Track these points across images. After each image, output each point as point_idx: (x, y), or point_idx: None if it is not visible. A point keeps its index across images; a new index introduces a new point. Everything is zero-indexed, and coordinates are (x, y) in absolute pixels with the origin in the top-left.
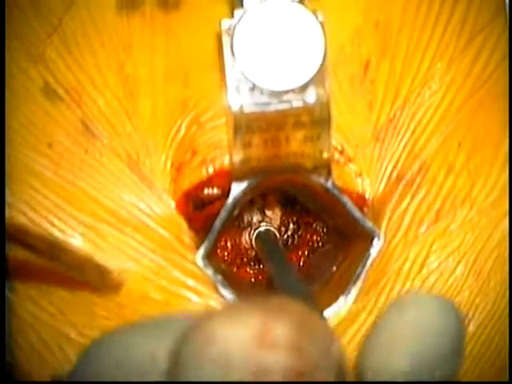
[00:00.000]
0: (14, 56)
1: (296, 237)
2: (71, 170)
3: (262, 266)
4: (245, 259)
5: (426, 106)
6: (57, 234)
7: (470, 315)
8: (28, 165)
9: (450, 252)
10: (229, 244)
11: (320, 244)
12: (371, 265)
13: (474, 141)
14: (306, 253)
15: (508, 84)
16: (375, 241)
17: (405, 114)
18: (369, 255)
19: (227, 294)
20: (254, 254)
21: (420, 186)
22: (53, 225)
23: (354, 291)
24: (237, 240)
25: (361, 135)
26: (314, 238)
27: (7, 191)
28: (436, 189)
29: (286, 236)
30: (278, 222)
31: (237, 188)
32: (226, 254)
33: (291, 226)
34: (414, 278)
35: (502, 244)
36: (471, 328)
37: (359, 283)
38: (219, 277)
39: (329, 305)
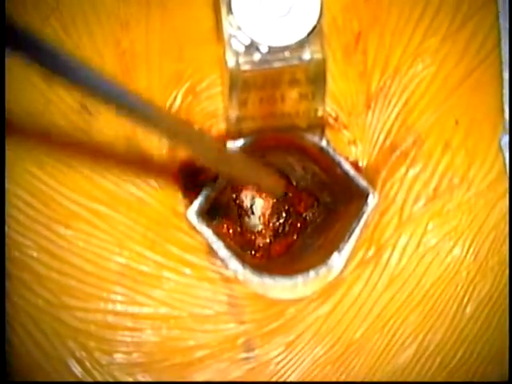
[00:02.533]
0: None
1: (286, 225)
2: (67, 152)
3: (255, 253)
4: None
5: (420, 78)
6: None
7: (468, 296)
8: (26, 150)
9: (446, 232)
10: (231, 231)
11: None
12: (365, 223)
13: (471, 120)
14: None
15: (508, 71)
16: (370, 198)
17: (396, 84)
18: (363, 213)
19: (219, 248)
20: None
21: (415, 159)
22: (50, 207)
23: (348, 248)
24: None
25: (354, 103)
26: (304, 226)
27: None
28: (433, 165)
29: (277, 224)
30: (269, 210)
31: (232, 147)
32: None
33: (283, 214)
34: (411, 255)
35: (499, 226)
36: (469, 309)
37: (353, 240)
38: (211, 232)
39: (323, 261)
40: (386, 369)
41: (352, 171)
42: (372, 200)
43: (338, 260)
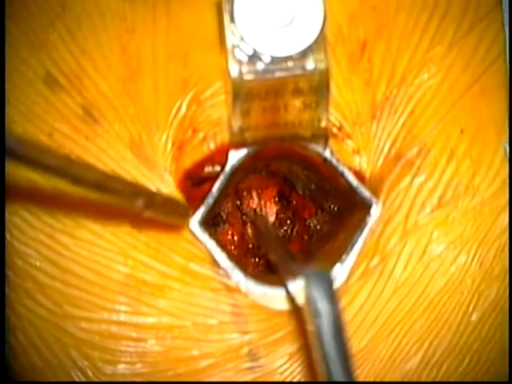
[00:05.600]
0: (14, 46)
1: (290, 232)
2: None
3: (259, 260)
4: (247, 253)
5: (425, 88)
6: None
7: (473, 304)
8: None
9: (451, 241)
10: (235, 238)
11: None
12: (369, 234)
13: (476, 128)
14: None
15: (509, 78)
16: (373, 209)
17: (402, 93)
18: (366, 223)
19: (221, 259)
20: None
21: (420, 168)
22: (53, 216)
23: (351, 259)
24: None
25: (358, 112)
26: (308, 233)
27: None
28: (438, 174)
29: (281, 230)
30: (273, 217)
31: (235, 156)
32: (232, 247)
33: (287, 221)
34: (416, 263)
35: (504, 234)
36: (474, 317)
37: (356, 251)
38: (213, 242)
39: None
40: (392, 377)
41: (355, 182)
42: (375, 211)
43: (340, 271)
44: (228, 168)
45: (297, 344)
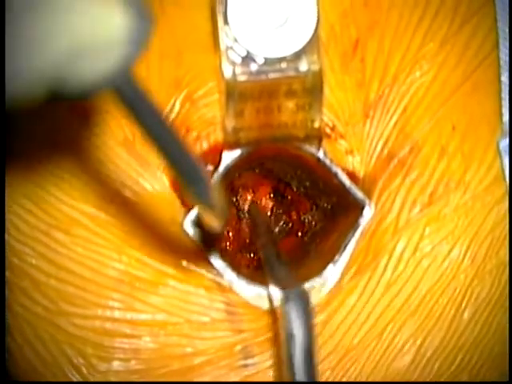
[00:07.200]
0: None
1: (285, 228)
2: (66, 157)
3: (254, 256)
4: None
5: (418, 85)
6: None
7: (466, 300)
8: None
9: (443, 237)
10: (230, 234)
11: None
12: (361, 234)
13: (468, 125)
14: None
15: (508, 74)
16: (366, 210)
17: (394, 92)
18: (358, 224)
19: (214, 259)
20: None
21: (412, 166)
22: (49, 214)
23: (343, 260)
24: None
25: (351, 113)
26: (303, 230)
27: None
28: (429, 171)
29: (276, 227)
30: (268, 213)
31: (228, 157)
32: (227, 243)
33: (282, 217)
34: (408, 260)
35: (496, 229)
36: (467, 314)
37: (348, 252)
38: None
39: (318, 273)
40: (384, 374)
41: (348, 182)
42: (368, 212)
43: (332, 272)
44: (221, 169)
45: None
